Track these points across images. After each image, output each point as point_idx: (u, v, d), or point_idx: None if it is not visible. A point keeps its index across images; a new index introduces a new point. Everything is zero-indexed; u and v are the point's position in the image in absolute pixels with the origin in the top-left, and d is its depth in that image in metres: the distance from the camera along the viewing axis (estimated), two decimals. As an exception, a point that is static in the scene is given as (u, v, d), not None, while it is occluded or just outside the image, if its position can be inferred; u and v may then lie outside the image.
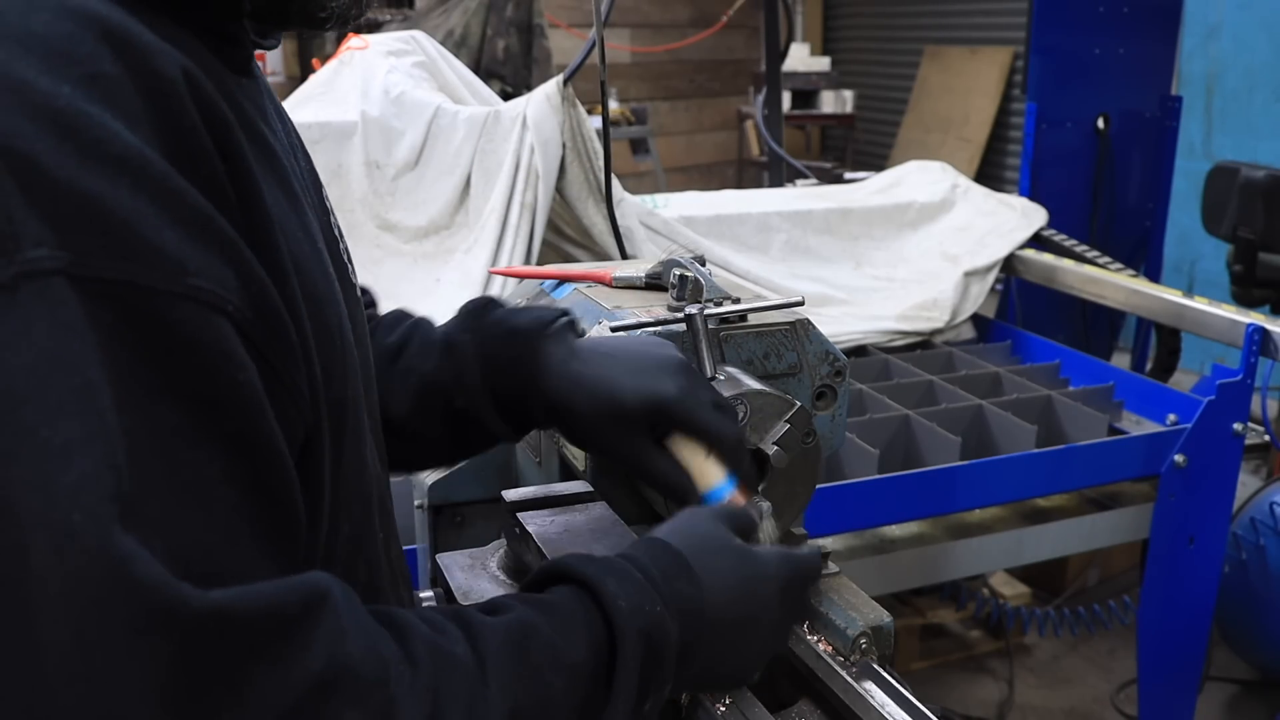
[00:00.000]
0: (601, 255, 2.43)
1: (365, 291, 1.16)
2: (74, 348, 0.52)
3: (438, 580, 1.12)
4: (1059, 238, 2.96)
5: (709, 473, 0.93)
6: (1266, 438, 2.50)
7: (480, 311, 1.07)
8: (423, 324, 1.12)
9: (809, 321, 1.15)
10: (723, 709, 0.98)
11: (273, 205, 0.66)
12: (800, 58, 7.38)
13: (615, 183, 2.34)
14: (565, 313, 1.04)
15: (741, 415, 1.00)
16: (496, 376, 1.01)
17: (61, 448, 0.51)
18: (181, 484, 0.55)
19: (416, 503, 1.45)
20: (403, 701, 0.60)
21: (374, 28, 5.35)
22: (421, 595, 1.08)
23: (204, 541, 0.55)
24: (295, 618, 0.56)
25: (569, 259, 2.49)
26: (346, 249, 0.90)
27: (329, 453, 0.72)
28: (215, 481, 0.56)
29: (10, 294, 0.51)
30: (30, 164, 0.52)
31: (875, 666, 1.00)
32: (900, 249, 2.99)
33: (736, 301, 1.13)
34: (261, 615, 0.55)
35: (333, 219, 0.87)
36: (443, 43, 3.47)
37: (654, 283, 1.23)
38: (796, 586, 0.87)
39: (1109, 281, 2.70)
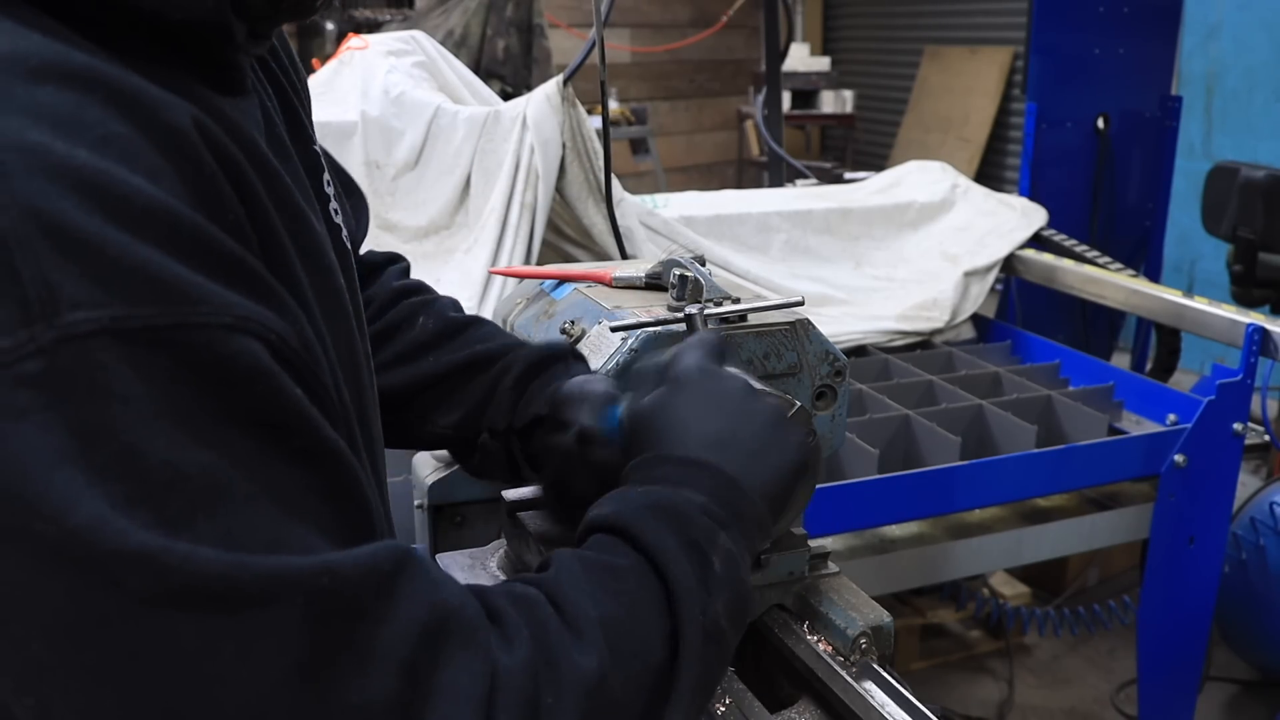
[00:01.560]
0: (601, 255, 2.43)
1: (398, 258, 1.22)
2: (122, 404, 0.52)
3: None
4: (1059, 238, 2.96)
5: None
6: (1266, 438, 2.49)
7: (539, 367, 1.09)
8: (487, 326, 1.17)
9: (809, 321, 1.15)
10: (722, 709, 0.99)
11: (289, 237, 0.67)
12: (800, 58, 7.38)
13: (615, 183, 2.34)
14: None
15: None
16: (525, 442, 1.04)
17: (119, 502, 0.52)
18: (267, 505, 0.56)
19: (416, 503, 1.45)
20: (509, 641, 0.63)
21: (374, 28, 5.35)
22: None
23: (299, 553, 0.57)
24: (391, 573, 0.59)
25: (569, 259, 2.49)
26: (350, 232, 0.91)
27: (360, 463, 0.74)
28: (297, 495, 0.58)
29: (51, 359, 0.51)
30: (58, 224, 0.52)
31: (875, 666, 1.00)
32: (900, 249, 2.99)
33: (736, 301, 1.13)
34: (363, 574, 0.57)
35: (333, 206, 0.87)
36: (443, 43, 3.47)
37: (654, 283, 1.23)
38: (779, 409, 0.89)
39: (1109, 281, 2.70)
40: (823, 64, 7.62)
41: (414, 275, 1.28)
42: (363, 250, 1.20)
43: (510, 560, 1.12)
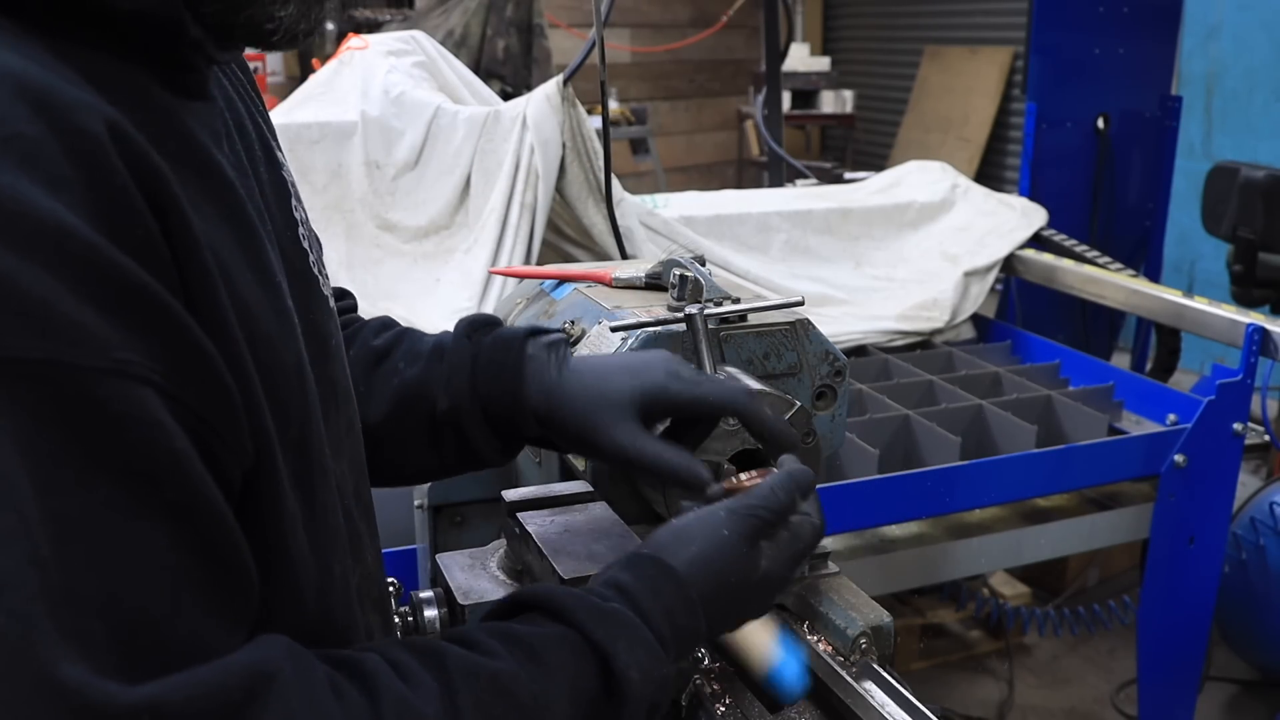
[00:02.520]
0: (601, 255, 2.43)
1: (345, 295, 1.13)
2: None
3: (438, 580, 1.12)
4: (1059, 238, 2.96)
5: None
6: (1266, 438, 2.50)
7: (475, 324, 1.03)
8: (412, 332, 1.08)
9: (809, 321, 1.15)
10: (722, 709, 0.99)
11: (215, 253, 0.63)
12: (800, 58, 7.38)
13: (615, 183, 2.34)
14: (560, 330, 1.03)
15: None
16: (487, 385, 0.98)
17: None
18: (122, 559, 0.53)
19: (416, 503, 1.45)
20: None
21: (374, 28, 5.35)
22: (421, 595, 1.08)
23: (152, 614, 0.54)
24: (238, 704, 0.54)
25: (569, 259, 2.49)
26: (318, 259, 0.87)
27: (298, 493, 0.70)
28: (159, 552, 0.55)
29: None
30: None
31: (875, 666, 1.00)
32: (900, 249, 2.99)
33: (736, 301, 1.13)
34: (199, 705, 0.53)
35: (302, 231, 0.84)
36: (443, 43, 3.47)
37: (654, 283, 1.23)
38: (788, 577, 0.87)
39: (1109, 281, 2.70)
40: (823, 64, 7.62)
41: (414, 275, 1.27)
42: None
43: (510, 560, 1.12)
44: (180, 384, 0.58)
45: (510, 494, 1.12)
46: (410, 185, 2.51)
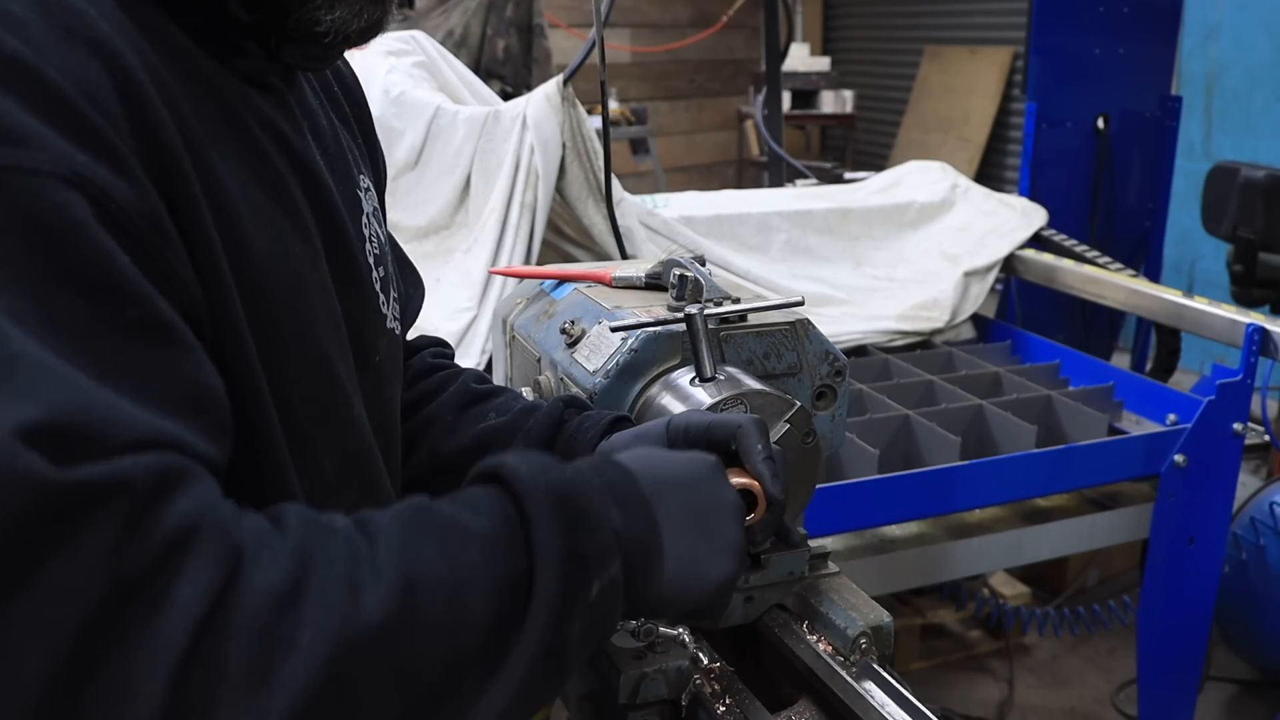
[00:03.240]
0: (601, 255, 2.43)
1: (444, 344, 1.18)
2: None
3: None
4: (1059, 238, 2.95)
5: None
6: (1266, 438, 2.49)
7: (571, 401, 1.07)
8: (512, 390, 1.13)
9: (809, 321, 1.15)
10: (722, 709, 0.99)
11: (216, 183, 0.66)
12: (800, 58, 7.37)
13: (615, 183, 2.34)
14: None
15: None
16: (562, 445, 1.01)
17: None
18: (81, 365, 0.53)
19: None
20: (265, 560, 0.55)
21: (374, 28, 5.34)
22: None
23: (91, 395, 0.53)
24: (149, 487, 0.53)
25: (569, 259, 2.49)
26: (386, 279, 0.90)
27: (296, 459, 0.72)
28: (119, 362, 0.55)
29: None
30: None
31: (875, 666, 1.00)
32: (900, 249, 2.99)
33: (736, 301, 1.13)
34: (113, 485, 0.51)
35: (370, 246, 0.87)
36: (443, 43, 3.46)
37: (654, 283, 1.23)
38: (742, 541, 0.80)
39: (1109, 281, 2.70)
40: (823, 64, 7.62)
41: None
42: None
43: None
44: (129, 221, 0.58)
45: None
46: (410, 185, 2.51)
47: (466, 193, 2.51)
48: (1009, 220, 3.01)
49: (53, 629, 0.48)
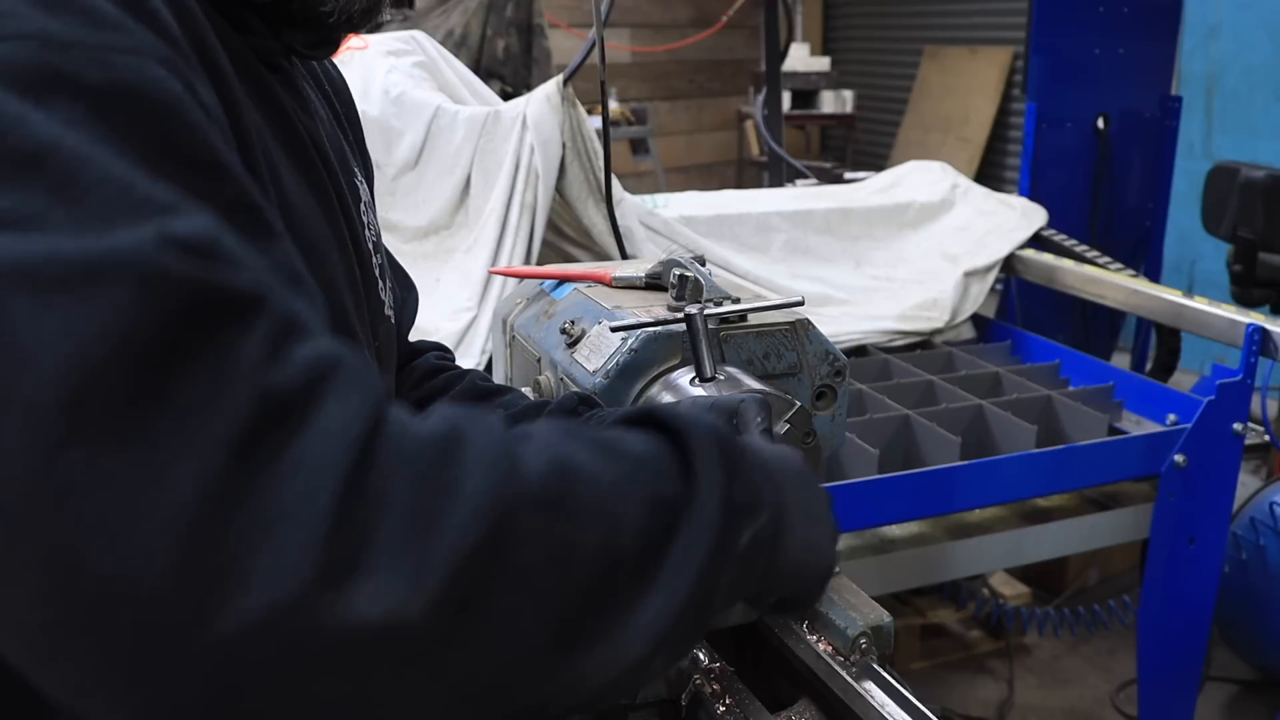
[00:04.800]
0: (601, 255, 2.43)
1: (445, 349, 1.19)
2: (59, 114, 0.49)
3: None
4: (1059, 238, 2.95)
5: None
6: (1266, 438, 2.50)
7: (584, 398, 1.07)
8: (520, 391, 1.14)
9: (809, 321, 1.15)
10: (722, 709, 0.99)
11: (265, 146, 0.67)
12: (800, 58, 7.37)
13: (615, 183, 2.34)
14: None
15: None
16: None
17: (61, 183, 0.48)
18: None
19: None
20: (414, 418, 0.52)
21: (374, 27, 5.34)
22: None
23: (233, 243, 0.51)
24: (285, 319, 0.50)
25: (569, 259, 2.49)
26: (382, 265, 0.91)
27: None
28: (227, 230, 0.52)
29: None
30: None
31: (875, 666, 1.00)
32: (900, 249, 2.99)
33: (736, 301, 1.13)
34: (256, 298, 0.49)
35: (368, 234, 0.87)
36: (443, 43, 3.47)
37: (654, 283, 1.23)
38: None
39: (1109, 281, 2.70)
40: (823, 64, 7.62)
41: (414, 275, 1.28)
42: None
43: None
44: (219, 126, 0.58)
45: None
46: (410, 185, 2.51)
47: (466, 193, 2.51)
48: (1009, 220, 3.01)
49: (203, 445, 0.45)
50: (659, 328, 1.09)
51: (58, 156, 0.48)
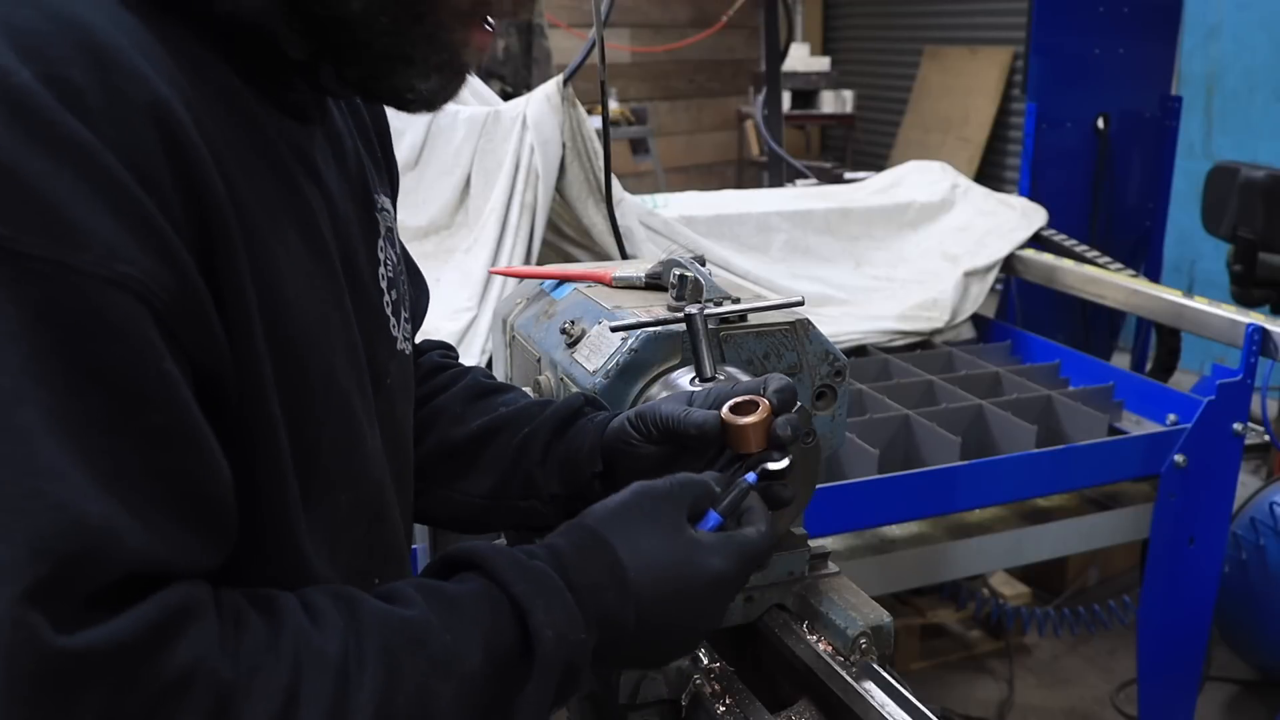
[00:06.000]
0: (601, 255, 2.43)
1: (449, 348, 1.19)
2: None
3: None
4: (1059, 238, 2.95)
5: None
6: (1266, 438, 2.50)
7: (591, 399, 1.06)
8: (521, 390, 1.14)
9: (809, 321, 1.15)
10: (722, 709, 0.99)
11: (258, 242, 0.67)
12: (800, 58, 7.37)
13: (615, 183, 2.34)
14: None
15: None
16: (574, 433, 1.00)
17: None
18: (98, 470, 0.55)
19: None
20: (255, 696, 0.59)
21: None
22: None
23: (96, 530, 0.55)
24: (145, 644, 0.56)
25: (569, 259, 2.49)
26: (398, 302, 0.90)
27: (308, 485, 0.72)
28: (132, 472, 0.57)
29: None
30: None
31: (875, 666, 1.00)
32: (900, 249, 2.99)
33: (736, 301, 1.13)
34: (129, 644, 0.55)
35: (383, 270, 0.88)
36: (443, 43, 3.46)
37: (654, 283, 1.23)
38: (739, 579, 0.82)
39: (1109, 281, 2.70)
40: (823, 64, 7.62)
41: None
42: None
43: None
44: (176, 316, 0.60)
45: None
46: (410, 185, 2.51)
47: (466, 193, 2.51)
48: (1009, 220, 3.01)
49: None
50: (659, 328, 1.09)
51: None
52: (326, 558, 0.76)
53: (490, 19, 0.77)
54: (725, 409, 0.89)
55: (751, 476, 0.84)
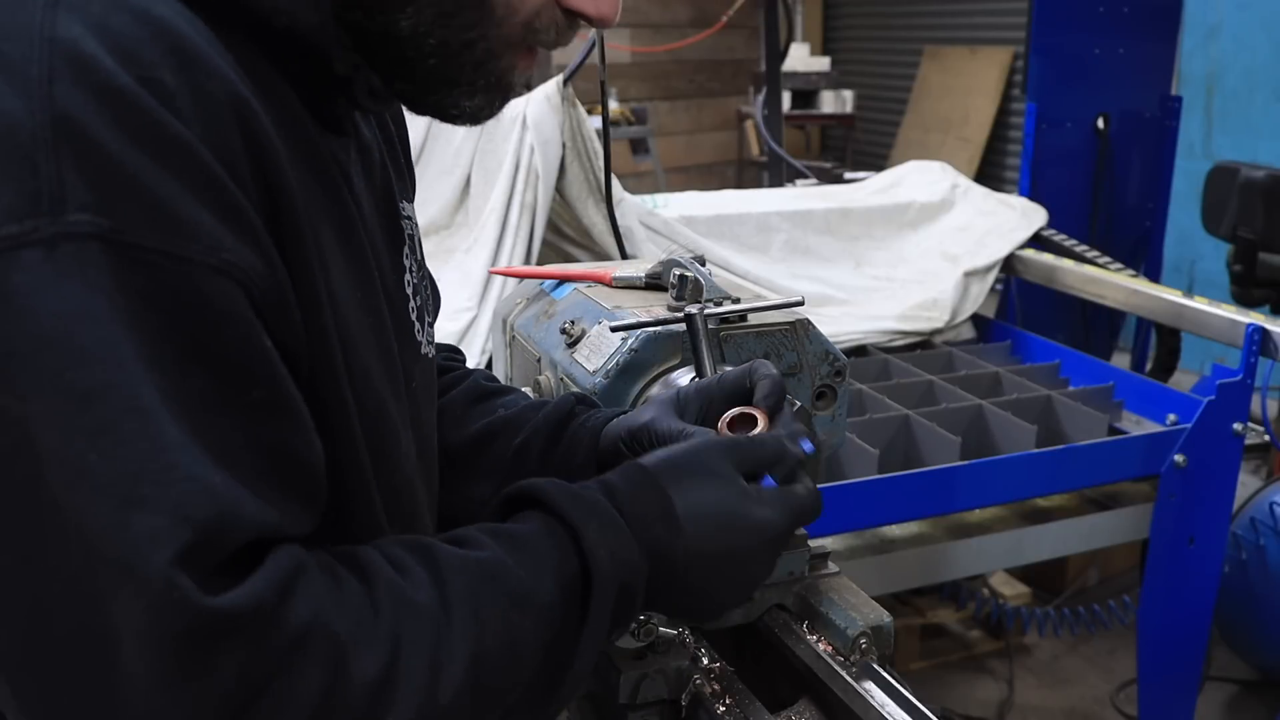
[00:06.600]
0: (601, 255, 2.43)
1: (456, 350, 1.20)
2: (100, 304, 0.56)
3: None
4: (1059, 238, 2.95)
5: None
6: (1266, 438, 2.50)
7: (583, 398, 1.07)
8: (521, 391, 1.15)
9: (809, 321, 1.15)
10: (722, 709, 0.99)
11: (316, 236, 0.70)
12: (800, 58, 7.37)
13: (615, 183, 2.34)
14: None
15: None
16: (570, 436, 1.02)
17: (83, 394, 0.56)
18: (210, 444, 0.59)
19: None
20: (362, 649, 0.63)
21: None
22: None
23: (220, 502, 0.59)
24: (274, 605, 0.60)
25: (569, 259, 2.49)
26: (421, 308, 0.92)
27: (336, 487, 0.74)
28: (239, 447, 0.61)
29: (50, 250, 0.56)
30: (86, 134, 0.57)
31: (875, 666, 1.00)
32: (900, 249, 2.99)
33: (736, 301, 1.13)
34: (259, 605, 0.59)
35: (408, 278, 0.89)
36: (443, 43, 3.46)
37: (654, 283, 1.23)
38: (786, 532, 0.84)
39: (1109, 281, 2.70)
40: (823, 64, 7.62)
41: None
42: None
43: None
44: (271, 306, 0.64)
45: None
46: (410, 185, 2.50)
47: (466, 193, 2.51)
48: (1009, 220, 3.01)
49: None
50: (659, 328, 1.09)
51: (106, 391, 0.57)
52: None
53: (539, 44, 0.78)
54: (722, 425, 0.90)
55: (808, 447, 0.87)
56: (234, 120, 0.62)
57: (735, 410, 0.90)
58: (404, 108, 0.82)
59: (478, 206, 2.46)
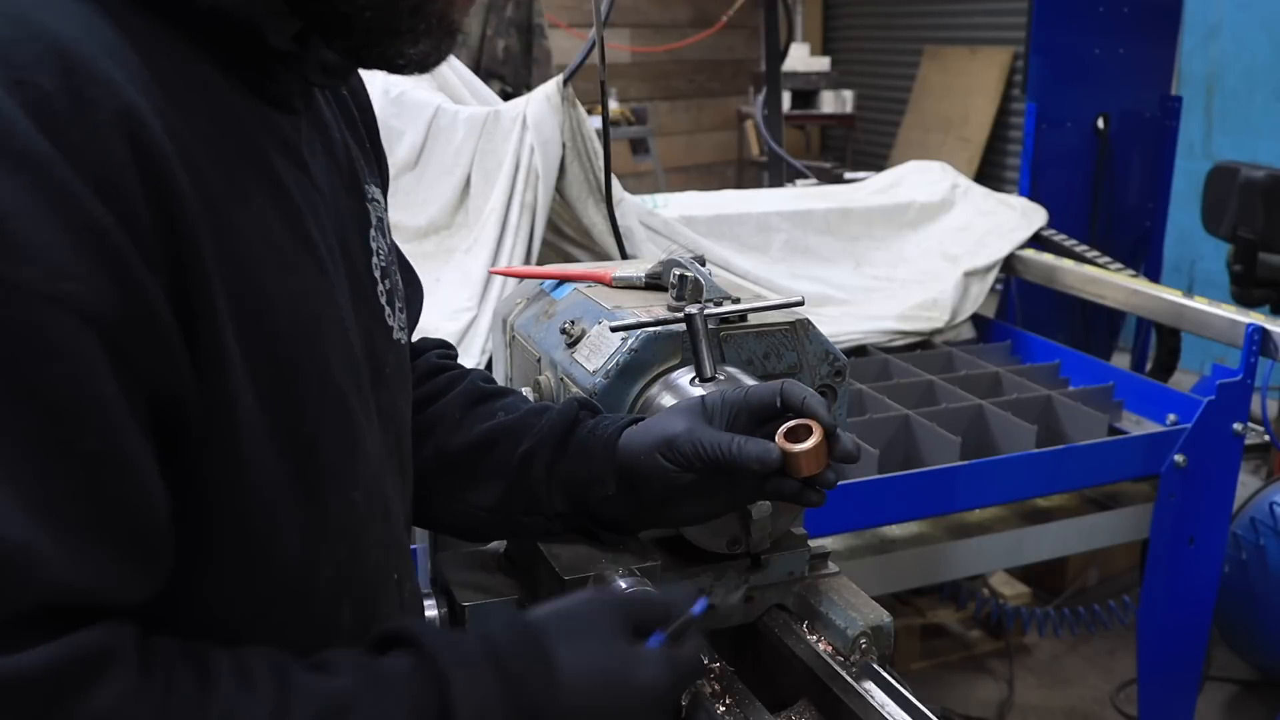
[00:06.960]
0: (601, 255, 2.43)
1: (448, 345, 1.17)
2: None
3: (438, 580, 1.12)
4: (1059, 238, 2.95)
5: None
6: (1266, 438, 2.49)
7: (586, 403, 1.06)
8: (519, 393, 1.13)
9: (809, 321, 1.15)
10: (722, 709, 0.99)
11: (233, 244, 0.65)
12: (800, 58, 7.37)
13: (615, 183, 2.34)
14: None
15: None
16: (577, 445, 0.99)
17: None
18: (22, 491, 0.54)
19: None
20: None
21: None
22: (422, 594, 1.08)
23: (32, 554, 0.54)
24: (60, 683, 0.55)
25: (569, 259, 2.49)
26: (391, 291, 0.90)
27: (297, 489, 0.71)
28: (60, 497, 0.56)
29: None
30: None
31: (875, 666, 1.00)
32: (900, 249, 2.99)
33: (736, 301, 1.13)
34: (36, 679, 0.54)
35: (376, 260, 0.87)
36: (443, 43, 3.46)
37: (654, 283, 1.23)
38: (670, 695, 0.82)
39: (1109, 281, 2.70)
40: (823, 64, 7.62)
41: None
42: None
43: (511, 560, 1.12)
44: (125, 336, 0.58)
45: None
46: (410, 185, 2.51)
47: (466, 193, 2.51)
48: (1009, 220, 3.01)
49: None
50: (659, 328, 1.09)
51: None
52: (347, 558, 0.77)
53: None
54: (780, 437, 0.90)
55: (699, 606, 0.84)
56: (119, 131, 0.58)
57: (795, 421, 0.91)
58: (357, 70, 0.79)
59: (478, 206, 2.46)
